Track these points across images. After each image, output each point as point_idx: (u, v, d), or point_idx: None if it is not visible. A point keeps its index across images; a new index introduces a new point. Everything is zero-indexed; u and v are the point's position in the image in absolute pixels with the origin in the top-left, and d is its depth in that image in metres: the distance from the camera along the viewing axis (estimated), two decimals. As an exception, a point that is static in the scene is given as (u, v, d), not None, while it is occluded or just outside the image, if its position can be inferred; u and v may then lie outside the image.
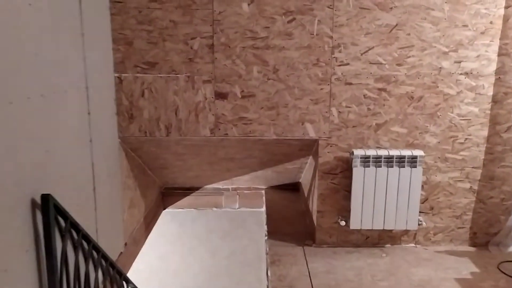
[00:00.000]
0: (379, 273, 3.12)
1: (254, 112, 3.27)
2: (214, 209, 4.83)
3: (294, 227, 3.89)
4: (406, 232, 3.55)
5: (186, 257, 5.00)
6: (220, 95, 3.24)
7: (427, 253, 3.44)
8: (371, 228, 3.36)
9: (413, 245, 3.57)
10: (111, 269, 2.91)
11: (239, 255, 4.99)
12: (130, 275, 4.97)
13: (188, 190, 4.79)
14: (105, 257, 2.72)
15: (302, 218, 4.09)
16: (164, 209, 4.84)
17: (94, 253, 2.45)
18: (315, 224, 3.55)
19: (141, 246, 3.95)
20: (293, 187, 4.66)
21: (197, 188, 4.77)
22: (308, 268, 3.16)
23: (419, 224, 3.40)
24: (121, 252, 3.32)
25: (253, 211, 4.75)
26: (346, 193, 3.43)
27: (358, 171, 3.28)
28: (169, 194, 4.80)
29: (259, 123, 3.29)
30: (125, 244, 3.44)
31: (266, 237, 3.67)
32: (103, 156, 2.91)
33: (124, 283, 3.29)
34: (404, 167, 3.29)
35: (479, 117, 3.36)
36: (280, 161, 3.91)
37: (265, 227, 3.87)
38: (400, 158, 3.27)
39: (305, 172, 4.20)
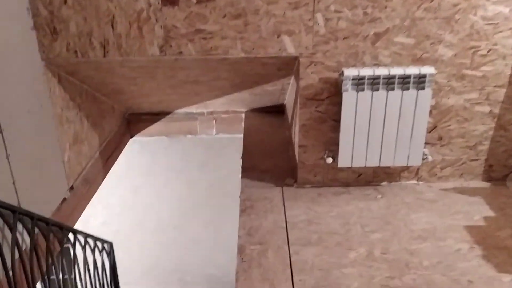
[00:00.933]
0: (372, 221, 2.56)
1: (214, 23, 2.49)
2: (189, 136, 4.22)
3: (275, 160, 3.29)
4: (407, 167, 2.93)
5: (161, 190, 4.50)
6: (169, 1, 2.44)
7: (431, 192, 2.86)
8: (364, 166, 2.74)
9: (415, 182, 2.98)
10: (44, 224, 2.40)
11: (219, 187, 4.47)
12: (100, 210, 4.49)
13: (157, 116, 4.15)
14: (28, 214, 2.19)
15: (284, 149, 3.47)
16: (131, 137, 4.23)
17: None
18: (297, 160, 2.93)
19: (98, 185, 3.41)
20: (278, 109, 4.00)
21: (167, 113, 4.12)
22: (285, 217, 2.60)
23: (423, 159, 2.78)
24: (65, 198, 2.77)
25: (232, 137, 4.14)
26: (334, 123, 2.76)
27: (349, 96, 2.58)
28: (136, 121, 4.17)
29: (222, 37, 2.52)
30: (71, 187, 2.89)
31: (239, 175, 3.09)
32: (14, 85, 2.23)
33: (70, 234, 2.81)
34: (408, 89, 2.58)
35: (509, 20, 2.55)
36: (257, 83, 3.19)
37: (240, 162, 3.28)
38: (404, 78, 2.55)
39: (289, 93, 3.50)
